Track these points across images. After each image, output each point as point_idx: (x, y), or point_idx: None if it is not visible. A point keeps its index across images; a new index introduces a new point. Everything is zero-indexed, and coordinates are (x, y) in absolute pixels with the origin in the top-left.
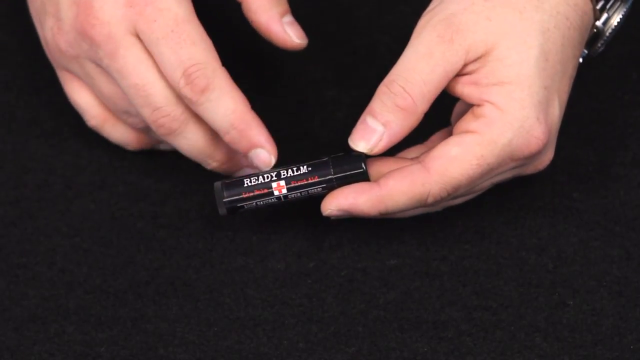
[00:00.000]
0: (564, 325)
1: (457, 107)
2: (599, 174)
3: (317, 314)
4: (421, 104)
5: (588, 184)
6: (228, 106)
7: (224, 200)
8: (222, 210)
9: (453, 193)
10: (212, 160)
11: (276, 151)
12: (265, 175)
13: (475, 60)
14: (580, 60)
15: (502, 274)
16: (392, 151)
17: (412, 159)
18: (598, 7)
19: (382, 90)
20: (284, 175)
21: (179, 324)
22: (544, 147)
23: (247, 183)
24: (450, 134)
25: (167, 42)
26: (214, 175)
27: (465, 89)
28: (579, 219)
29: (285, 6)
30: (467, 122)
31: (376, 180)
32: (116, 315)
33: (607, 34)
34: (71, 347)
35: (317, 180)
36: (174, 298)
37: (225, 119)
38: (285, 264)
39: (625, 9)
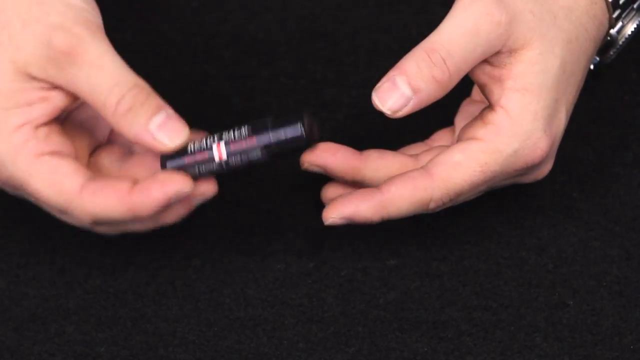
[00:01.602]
0: (564, 325)
1: (462, 108)
2: (599, 174)
3: (317, 314)
4: (455, 80)
5: (588, 184)
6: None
7: (167, 169)
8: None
9: (455, 199)
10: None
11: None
12: (208, 138)
13: (509, 52)
14: (591, 67)
15: (502, 274)
16: (392, 150)
17: (411, 155)
18: (614, 15)
19: (421, 56)
20: (224, 137)
21: (179, 324)
22: (546, 158)
23: (190, 149)
24: (452, 132)
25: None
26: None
27: (488, 82)
28: (579, 219)
29: (150, 109)
30: (474, 129)
31: (378, 187)
32: (116, 315)
33: (620, 42)
34: (71, 347)
35: (256, 143)
36: (174, 298)
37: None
38: (285, 264)
39: (639, 19)
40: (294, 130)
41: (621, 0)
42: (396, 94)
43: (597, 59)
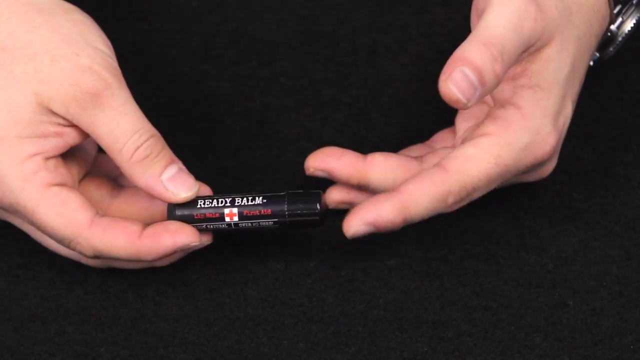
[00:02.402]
0: (564, 325)
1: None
2: (599, 174)
3: (317, 314)
4: (503, 75)
5: (588, 184)
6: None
7: (176, 214)
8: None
9: (472, 193)
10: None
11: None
12: (220, 200)
13: (534, 50)
14: (591, 63)
15: (502, 274)
16: (393, 150)
17: (415, 157)
18: (615, 11)
19: (482, 50)
20: (238, 202)
21: (179, 324)
22: (553, 154)
23: (200, 204)
24: (452, 133)
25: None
26: (213, 175)
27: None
28: (579, 219)
29: (164, 160)
30: (484, 126)
31: (394, 189)
32: (116, 315)
33: (620, 39)
34: (71, 347)
35: (270, 214)
36: (174, 298)
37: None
38: (285, 264)
39: (639, 15)
40: (311, 208)
41: None
42: (468, 85)
43: (597, 55)
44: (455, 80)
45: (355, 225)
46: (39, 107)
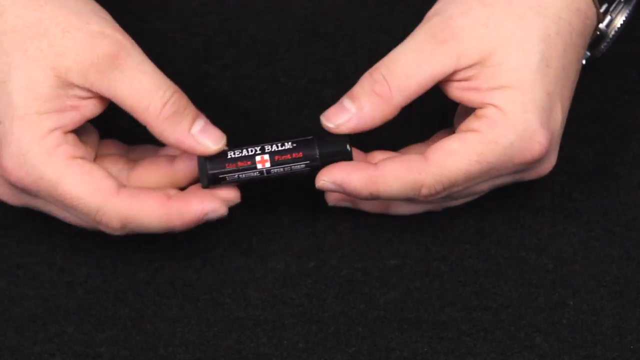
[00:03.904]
0: (564, 325)
1: (460, 109)
2: (599, 174)
3: (317, 314)
4: (398, 96)
5: (588, 184)
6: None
7: (208, 172)
8: (204, 182)
9: (448, 188)
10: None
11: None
12: (250, 149)
13: (468, 67)
14: (584, 62)
15: (502, 274)
16: (394, 150)
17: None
18: (602, 10)
19: (364, 77)
20: (268, 149)
21: (179, 324)
22: (546, 152)
23: (230, 155)
24: (452, 134)
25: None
26: None
27: (465, 94)
28: (579, 219)
29: (191, 115)
30: (469, 122)
31: (374, 164)
32: (116, 315)
33: (610, 36)
34: (71, 347)
35: (302, 156)
36: (174, 298)
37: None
38: (285, 264)
39: (628, 11)
40: (341, 148)
41: None
42: (340, 110)
43: (588, 53)
44: (330, 109)
45: (324, 179)
46: (57, 81)
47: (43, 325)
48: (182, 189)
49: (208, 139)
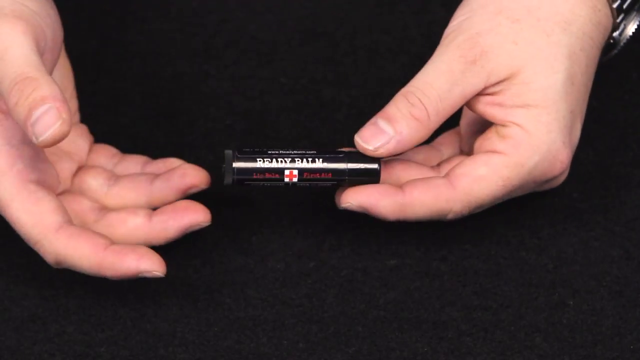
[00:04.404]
0: (564, 325)
1: (466, 112)
2: (599, 174)
3: (317, 314)
4: (434, 119)
5: (588, 184)
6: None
7: (234, 177)
8: (228, 181)
9: (474, 210)
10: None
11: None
12: (280, 160)
13: (497, 83)
14: None
15: (502, 274)
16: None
17: (431, 167)
18: (619, 20)
19: (399, 99)
20: (298, 163)
21: (179, 324)
22: (567, 169)
23: (259, 163)
24: (457, 135)
25: None
26: (214, 175)
27: (488, 109)
28: (579, 219)
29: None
30: (492, 142)
31: (400, 186)
32: (116, 315)
33: (622, 44)
34: (71, 347)
35: (331, 177)
36: (174, 298)
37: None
38: (285, 264)
39: (639, 19)
40: (371, 169)
41: (625, 5)
42: (378, 133)
43: None
44: (364, 132)
45: (350, 201)
46: None
47: (43, 325)
48: (173, 201)
49: (42, 128)
